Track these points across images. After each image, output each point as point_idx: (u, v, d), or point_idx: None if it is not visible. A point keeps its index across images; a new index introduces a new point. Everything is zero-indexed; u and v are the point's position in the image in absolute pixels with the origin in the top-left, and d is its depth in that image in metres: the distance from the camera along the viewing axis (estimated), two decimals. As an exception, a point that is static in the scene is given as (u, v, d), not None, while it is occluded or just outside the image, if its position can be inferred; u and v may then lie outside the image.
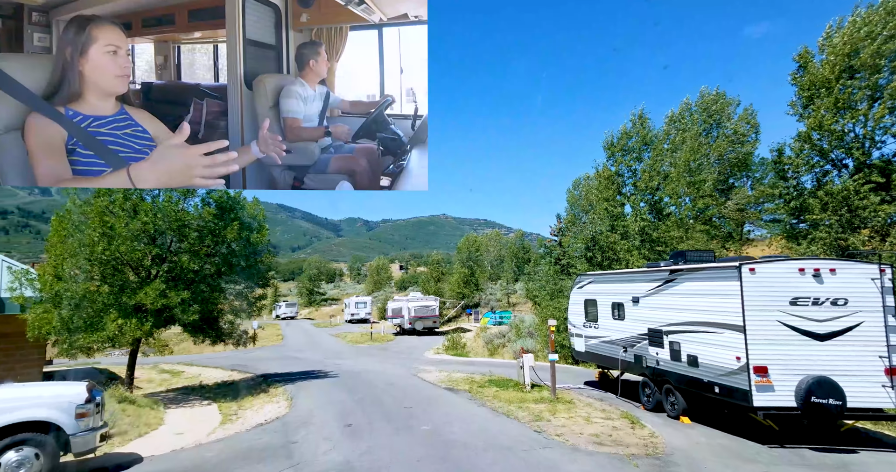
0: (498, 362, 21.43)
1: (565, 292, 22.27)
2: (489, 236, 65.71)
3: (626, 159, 23.56)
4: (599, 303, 13.19)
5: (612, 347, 12.58)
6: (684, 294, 10.02)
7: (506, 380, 15.49)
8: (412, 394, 13.54)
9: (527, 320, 28.80)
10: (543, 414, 10.74)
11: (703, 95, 28.72)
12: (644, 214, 22.09)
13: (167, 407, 13.28)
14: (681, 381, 10.08)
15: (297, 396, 13.81)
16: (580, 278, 14.40)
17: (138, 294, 13.31)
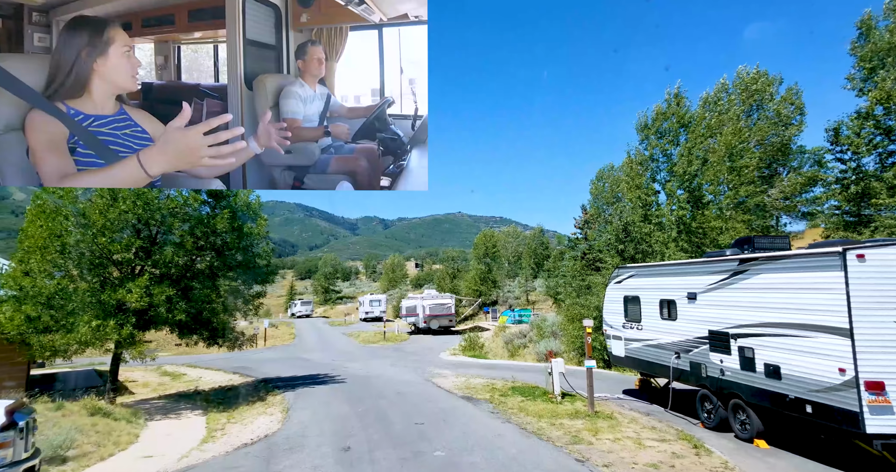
0: (520, 366, 19.54)
1: (593, 289, 20.30)
2: (506, 231, 63.49)
3: (662, 143, 21.39)
4: (643, 300, 11.25)
5: (659, 351, 10.64)
6: (760, 289, 8.05)
7: (531, 387, 13.65)
8: (424, 405, 11.78)
9: (549, 318, 26.83)
10: (582, 434, 8.88)
11: (741, 75, 26.37)
12: (682, 203, 19.93)
13: (150, 419, 11.76)
14: (755, 396, 8.12)
15: (295, 406, 12.17)
16: (619, 271, 12.45)
17: (119, 291, 11.80)
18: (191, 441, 9.56)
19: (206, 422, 11.38)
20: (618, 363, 12.64)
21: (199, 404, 13.85)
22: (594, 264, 24.41)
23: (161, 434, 10.28)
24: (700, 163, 20.51)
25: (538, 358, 21.85)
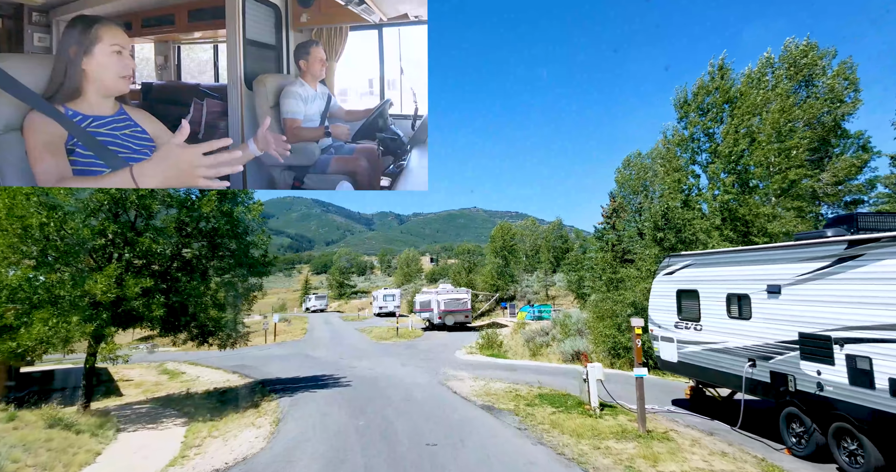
0: (544, 367, 17.63)
1: (627, 283, 18.27)
2: (524, 224, 61.27)
3: (704, 120, 19.17)
4: (704, 295, 9.29)
5: (725, 357, 8.69)
6: (882, 279, 6.07)
7: (562, 396, 11.82)
8: (438, 417, 10.03)
9: (573, 315, 24.85)
10: (638, 463, 7.01)
11: (789, 48, 23.87)
12: (728, 187, 17.74)
13: (123, 430, 10.25)
14: (873, 420, 6.16)
15: (288, 416, 10.51)
16: (670, 260, 10.47)
17: (87, 283, 10.26)
18: (157, 462, 7.96)
19: (185, 434, 9.80)
20: (668, 370, 10.69)
21: (185, 410, 12.31)
22: (623, 256, 22.32)
23: (126, 452, 8.72)
24: (748, 142, 18.30)
25: (563, 359, 19.92)
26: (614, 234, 23.11)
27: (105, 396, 15.69)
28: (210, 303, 12.54)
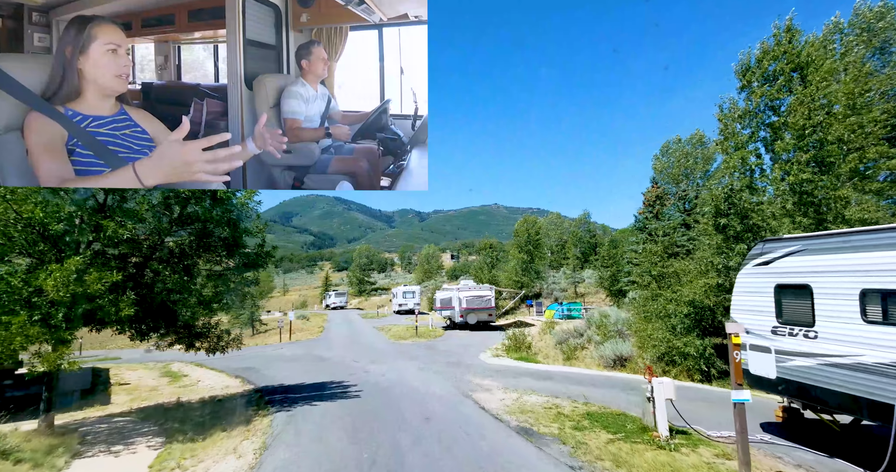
0: (584, 375, 15.32)
1: (682, 278, 15.81)
2: (549, 218, 58.61)
3: (770, 91, 16.52)
4: (819, 291, 6.94)
5: (860, 377, 6.35)
6: None
7: (616, 415, 9.61)
8: (462, 445, 7.93)
9: (612, 314, 22.44)
10: (760, 539, 4.77)
11: (861, 11, 20.90)
12: (802, 166, 15.11)
13: (81, 455, 8.44)
14: None
15: (279, 441, 8.55)
16: (764, 245, 8.10)
17: (40, 278, 8.49)
18: (95, 510, 6.06)
19: (152, 463, 7.92)
20: (762, 388, 8.30)
21: (165, 426, 10.50)
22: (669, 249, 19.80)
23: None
24: (824, 113, 15.62)
25: (604, 364, 17.59)
26: (658, 223, 20.56)
27: (90, 405, 14.09)
28: (195, 301, 10.70)
